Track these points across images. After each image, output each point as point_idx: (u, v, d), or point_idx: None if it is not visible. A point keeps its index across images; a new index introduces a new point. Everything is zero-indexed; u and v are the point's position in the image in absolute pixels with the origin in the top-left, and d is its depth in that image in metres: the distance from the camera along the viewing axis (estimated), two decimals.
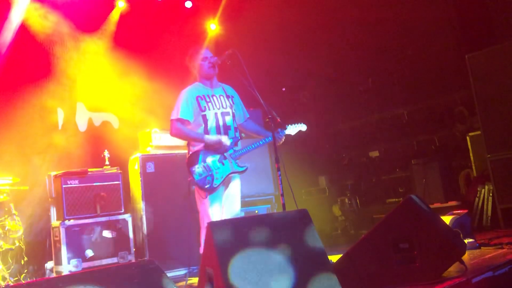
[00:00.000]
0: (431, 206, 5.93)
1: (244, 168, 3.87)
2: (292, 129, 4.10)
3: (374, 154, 8.04)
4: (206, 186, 3.63)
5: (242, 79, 3.82)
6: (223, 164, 3.75)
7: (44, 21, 6.33)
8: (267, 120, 3.85)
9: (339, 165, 8.43)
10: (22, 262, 5.27)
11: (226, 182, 3.77)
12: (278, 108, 4.00)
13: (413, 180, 6.73)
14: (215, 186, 3.66)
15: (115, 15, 7.04)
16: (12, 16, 5.98)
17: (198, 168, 3.67)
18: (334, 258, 3.43)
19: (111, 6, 7.04)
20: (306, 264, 2.62)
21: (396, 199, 7.25)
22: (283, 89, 8.84)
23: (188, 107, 3.86)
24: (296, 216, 2.78)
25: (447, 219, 4.18)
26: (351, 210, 7.57)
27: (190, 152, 3.82)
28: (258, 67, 4.22)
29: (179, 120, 3.85)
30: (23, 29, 6.13)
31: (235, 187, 3.91)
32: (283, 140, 4.00)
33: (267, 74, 7.54)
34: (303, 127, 4.17)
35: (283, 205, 3.49)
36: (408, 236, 3.14)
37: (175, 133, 3.88)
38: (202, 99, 3.91)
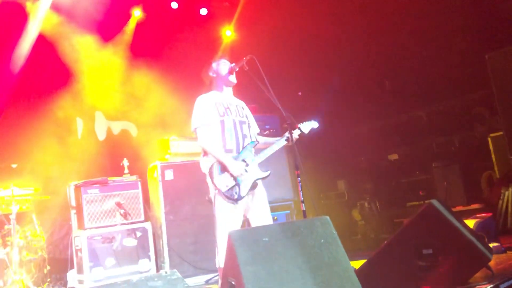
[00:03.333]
0: (453, 209, 5.84)
1: (268, 173, 3.80)
2: (304, 127, 4.00)
3: (393, 157, 7.96)
4: (235, 197, 3.55)
5: (260, 85, 3.79)
6: (247, 171, 3.69)
7: (61, 32, 6.42)
8: (285, 125, 3.82)
9: (358, 169, 8.35)
10: (45, 271, 5.31)
11: (251, 190, 3.71)
12: (294, 113, 3.97)
13: (434, 182, 6.64)
14: (244, 195, 3.59)
15: (131, 24, 7.12)
16: (30, 27, 6.08)
17: (223, 178, 3.58)
18: (355, 263, 3.38)
19: (127, 15, 7.12)
20: (329, 272, 2.59)
21: (417, 202, 7.15)
22: (299, 93, 8.81)
23: (206, 112, 3.80)
24: (317, 224, 2.75)
25: (470, 222, 4.10)
26: (371, 214, 7.49)
27: (211, 162, 3.70)
28: (274, 72, 4.21)
29: (203, 128, 3.77)
30: (41, 40, 6.22)
31: (262, 193, 3.84)
32: (296, 138, 3.91)
33: (283, 79, 7.52)
34: (314, 124, 4.08)
35: (304, 212, 3.46)
36: (432, 242, 3.09)
37: (203, 144, 3.79)
38: (220, 105, 3.87)
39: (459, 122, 7.08)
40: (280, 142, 3.88)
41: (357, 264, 3.39)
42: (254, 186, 3.70)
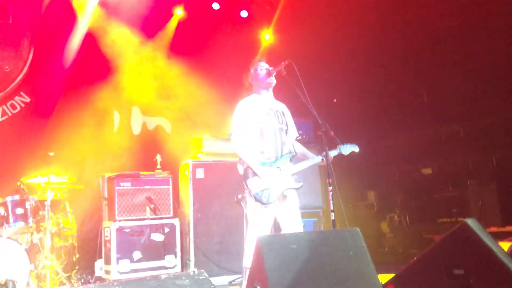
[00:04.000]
0: (487, 230, 5.67)
1: (301, 184, 3.81)
2: (344, 149, 3.99)
3: (427, 171, 7.78)
4: (264, 201, 3.59)
5: (297, 90, 3.78)
6: (280, 178, 3.71)
7: (106, 28, 6.60)
8: (320, 133, 3.79)
9: (390, 180, 8.21)
10: (74, 259, 5.46)
11: (282, 196, 3.72)
12: (328, 119, 3.94)
13: (468, 201, 6.46)
14: (273, 201, 3.62)
15: (173, 23, 7.23)
16: (79, 23, 6.30)
17: (256, 182, 3.63)
18: (381, 277, 3.32)
19: (169, 14, 7.24)
20: (356, 286, 2.56)
21: (449, 219, 6.97)
22: (334, 100, 8.74)
23: (246, 119, 3.81)
24: (347, 235, 2.72)
25: (505, 245, 3.96)
26: (400, 228, 7.36)
27: (247, 164, 3.74)
28: (310, 78, 4.19)
29: (240, 135, 3.80)
30: (88, 36, 6.43)
31: (294, 199, 3.84)
32: (332, 158, 3.90)
33: (318, 85, 7.48)
34: (355, 148, 4.07)
35: (333, 222, 3.43)
36: (464, 263, 3.00)
37: (236, 150, 3.82)
38: (260, 111, 3.87)
39: (497, 140, 6.87)
40: (315, 159, 3.89)
41: (383, 278, 3.33)
42: (284, 194, 3.71)
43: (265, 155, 3.75)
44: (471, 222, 3.08)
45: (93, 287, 1.88)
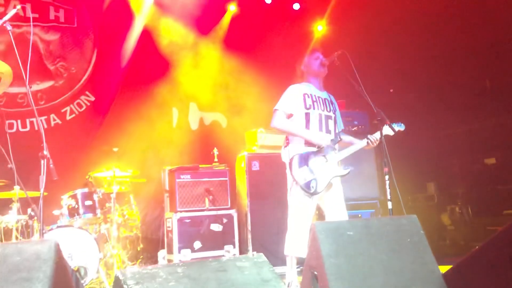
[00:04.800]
0: None
1: (348, 171, 3.81)
2: (389, 129, 3.88)
3: (490, 161, 7.46)
4: (311, 191, 3.61)
5: (351, 80, 3.78)
6: (326, 167, 3.71)
7: (162, 26, 6.85)
8: (376, 122, 3.77)
9: (450, 172, 7.94)
10: (138, 249, 5.73)
11: (329, 185, 3.74)
12: (385, 110, 3.90)
13: None
14: (320, 190, 3.64)
15: (226, 19, 7.37)
16: (135, 22, 6.57)
17: (302, 171, 3.65)
18: (442, 268, 3.26)
19: (223, 10, 7.38)
20: (414, 273, 2.55)
21: None
22: (391, 90, 8.56)
23: (293, 101, 3.87)
24: (404, 223, 2.71)
25: None
26: (462, 220, 7.11)
27: (292, 154, 3.78)
28: (365, 68, 4.16)
29: (283, 112, 3.86)
30: (144, 34, 6.69)
31: (338, 190, 3.85)
32: (379, 140, 3.83)
33: (374, 76, 7.36)
34: (401, 126, 3.98)
35: (390, 210, 3.41)
36: None
37: (277, 124, 3.84)
38: (308, 97, 3.91)
39: None
40: (361, 143, 3.86)
41: (444, 269, 3.27)
42: (331, 183, 3.72)
43: (311, 142, 3.77)
44: None
45: (161, 266, 2.01)
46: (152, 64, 6.81)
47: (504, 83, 7.15)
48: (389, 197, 3.48)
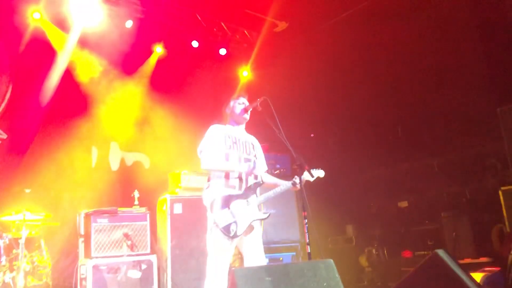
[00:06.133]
0: (461, 261, 5.75)
1: (268, 215, 3.85)
2: (309, 175, 3.97)
3: (403, 204, 7.90)
4: (231, 234, 3.59)
5: (272, 125, 3.88)
6: (247, 210, 3.73)
7: (84, 63, 6.69)
8: (295, 167, 3.87)
9: (367, 214, 8.29)
10: None
11: (249, 228, 3.74)
12: (306, 154, 4.02)
13: (443, 233, 6.56)
14: (240, 233, 3.64)
15: (152, 60, 7.36)
16: (58, 60, 6.37)
17: (223, 214, 3.64)
18: None
19: (149, 51, 7.37)
20: None
21: (425, 252, 7.03)
22: (312, 135, 8.90)
23: (215, 140, 3.89)
24: (321, 267, 2.76)
25: (478, 276, 4.05)
26: (379, 261, 7.38)
27: (213, 197, 3.77)
28: (288, 113, 4.32)
29: (209, 152, 3.86)
30: (66, 74, 6.49)
31: (258, 233, 3.86)
32: (303, 181, 3.92)
33: (297, 120, 7.64)
34: (321, 173, 4.11)
35: (309, 254, 3.46)
36: None
37: (207, 165, 3.81)
38: (229, 138, 3.97)
39: (470, 173, 7.05)
40: (286, 184, 3.93)
41: None
42: (251, 226, 3.73)
43: (230, 184, 3.78)
44: (441, 252, 3.16)
45: None
46: (73, 102, 6.60)
47: (415, 132, 7.70)
48: (307, 240, 3.53)
